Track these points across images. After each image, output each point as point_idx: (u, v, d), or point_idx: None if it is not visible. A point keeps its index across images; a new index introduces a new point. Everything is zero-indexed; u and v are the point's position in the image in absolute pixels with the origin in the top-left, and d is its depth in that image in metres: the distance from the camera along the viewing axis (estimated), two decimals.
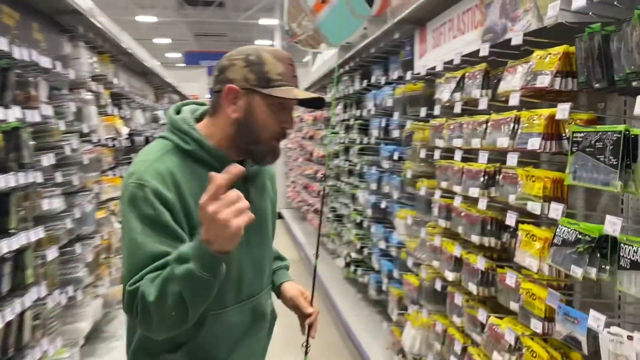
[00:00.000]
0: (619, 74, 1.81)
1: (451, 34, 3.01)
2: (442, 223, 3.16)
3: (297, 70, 1.59)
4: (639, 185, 1.76)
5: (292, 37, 8.28)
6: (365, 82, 5.04)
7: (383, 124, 4.46)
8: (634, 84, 1.72)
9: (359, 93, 5.48)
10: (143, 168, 1.48)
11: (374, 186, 4.88)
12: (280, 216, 12.07)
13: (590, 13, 1.81)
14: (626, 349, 1.68)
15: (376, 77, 4.81)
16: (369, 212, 5.05)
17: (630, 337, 1.66)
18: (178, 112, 1.64)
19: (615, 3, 1.68)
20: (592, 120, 2.12)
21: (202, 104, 1.69)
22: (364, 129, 5.29)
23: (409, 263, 3.70)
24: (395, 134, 4.15)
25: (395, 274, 4.11)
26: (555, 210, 1.93)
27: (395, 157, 4.08)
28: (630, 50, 1.68)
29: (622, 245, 1.72)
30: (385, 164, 4.39)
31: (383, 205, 4.42)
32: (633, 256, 1.66)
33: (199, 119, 1.62)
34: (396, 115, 3.92)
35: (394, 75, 4.36)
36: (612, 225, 1.61)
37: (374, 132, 4.79)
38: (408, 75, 3.60)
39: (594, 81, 1.92)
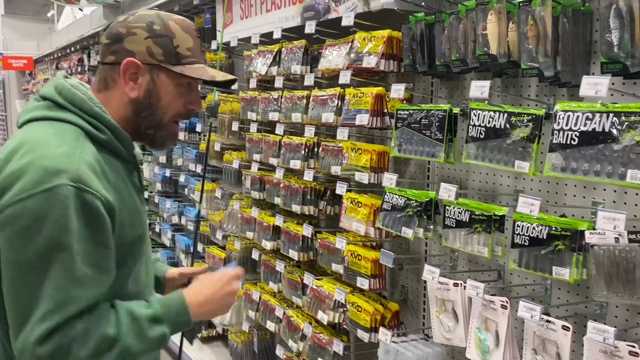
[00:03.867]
0: (440, 60, 2.09)
1: (264, 7, 3.03)
2: (256, 195, 3.22)
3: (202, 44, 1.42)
4: (457, 156, 2.09)
5: None
6: None
7: None
8: (456, 69, 2.01)
9: None
10: (71, 163, 1.15)
11: (162, 159, 4.68)
12: None
13: (422, 3, 2.04)
14: (452, 294, 2.01)
15: None
16: (158, 186, 4.82)
17: (456, 284, 1.98)
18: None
19: None
20: (407, 99, 2.41)
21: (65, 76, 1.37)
22: None
23: (218, 236, 3.68)
24: None
25: (200, 248, 4.04)
26: (389, 179, 2.16)
27: (199, 129, 3.97)
28: (456, 40, 1.95)
29: (447, 207, 2.03)
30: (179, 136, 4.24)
31: (182, 179, 4.26)
32: (458, 216, 1.98)
33: None
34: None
35: None
36: (447, 192, 1.89)
37: None
38: (213, 45, 3.51)
39: (418, 65, 2.19)
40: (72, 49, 7.59)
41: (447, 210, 2.02)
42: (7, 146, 1.22)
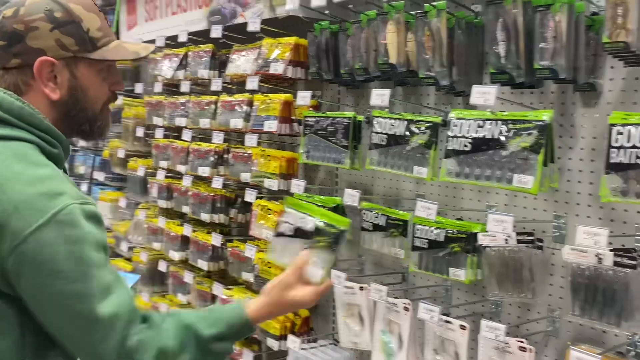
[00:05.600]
0: (345, 68, 2.12)
1: (170, 9, 2.96)
2: (163, 204, 3.11)
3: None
4: (362, 162, 2.13)
5: None
6: None
7: None
8: (360, 78, 2.05)
9: None
10: (61, 182, 1.08)
11: None
12: None
13: (327, 12, 2.06)
14: (358, 298, 2.03)
15: None
16: None
17: (361, 288, 2.01)
18: None
19: (349, 6, 1.96)
20: (315, 106, 2.43)
21: None
22: None
23: (123, 247, 3.52)
24: None
25: None
26: (297, 186, 2.16)
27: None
28: (358, 49, 1.99)
29: (364, 211, 2.05)
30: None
31: (84, 188, 4.04)
32: (374, 220, 2.01)
33: None
34: None
35: None
36: (351, 197, 1.92)
37: None
38: None
39: (324, 72, 2.21)
40: None
41: (364, 214, 2.04)
42: None
